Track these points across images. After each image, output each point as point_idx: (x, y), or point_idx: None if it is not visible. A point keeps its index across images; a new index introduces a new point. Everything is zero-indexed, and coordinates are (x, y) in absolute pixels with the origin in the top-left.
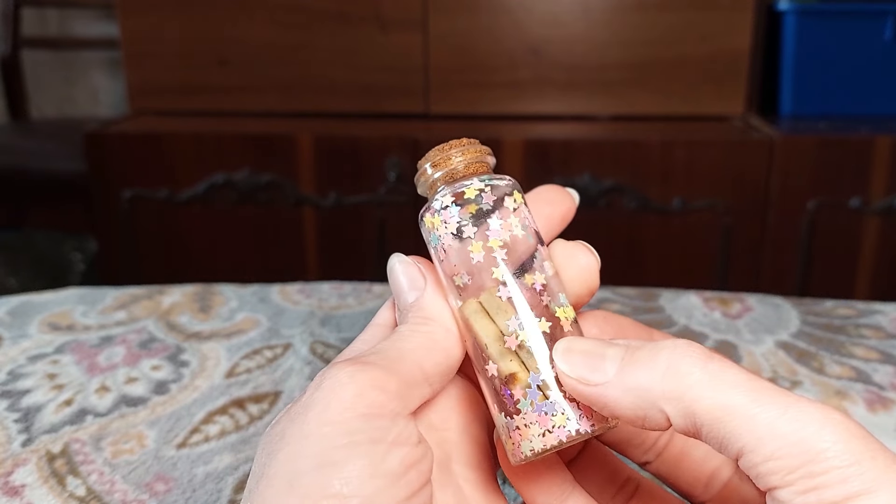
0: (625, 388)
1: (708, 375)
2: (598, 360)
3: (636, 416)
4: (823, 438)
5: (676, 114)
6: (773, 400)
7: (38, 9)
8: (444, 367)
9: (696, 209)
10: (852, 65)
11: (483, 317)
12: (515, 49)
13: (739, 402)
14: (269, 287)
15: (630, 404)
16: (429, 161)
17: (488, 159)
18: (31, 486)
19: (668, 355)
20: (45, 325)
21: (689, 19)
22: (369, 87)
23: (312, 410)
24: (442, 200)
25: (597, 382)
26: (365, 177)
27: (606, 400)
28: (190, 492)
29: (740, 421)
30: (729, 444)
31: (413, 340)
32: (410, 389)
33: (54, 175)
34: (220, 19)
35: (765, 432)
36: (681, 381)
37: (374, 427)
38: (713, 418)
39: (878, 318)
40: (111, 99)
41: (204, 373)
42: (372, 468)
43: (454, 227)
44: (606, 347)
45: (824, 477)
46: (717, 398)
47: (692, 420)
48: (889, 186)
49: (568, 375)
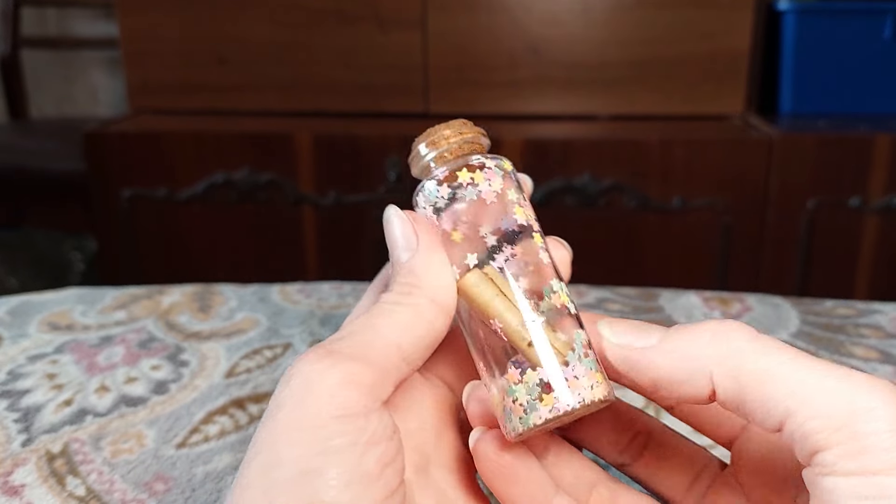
0: (670, 351)
1: (753, 344)
2: (643, 330)
3: (679, 379)
4: (873, 399)
5: (676, 113)
6: (820, 364)
7: (37, 8)
8: (426, 343)
9: (696, 208)
10: (852, 63)
11: (491, 286)
12: (515, 48)
13: (786, 365)
14: (268, 287)
15: (674, 367)
16: (422, 141)
17: (482, 140)
18: (31, 486)
19: (714, 326)
20: (45, 325)
21: (688, 18)
22: (369, 87)
23: (282, 412)
24: (435, 181)
25: (643, 346)
26: (365, 176)
27: (649, 360)
28: (189, 491)
29: (786, 381)
30: (774, 406)
31: (393, 315)
32: (386, 376)
33: (54, 174)
34: (220, 18)
35: (811, 391)
36: (728, 346)
37: (348, 429)
38: (758, 380)
39: (878, 317)
40: (111, 98)
41: (203, 372)
42: (349, 473)
43: (443, 207)
44: (649, 325)
45: (871, 439)
46: (763, 361)
47: (739, 382)
48: (888, 185)
49: (612, 342)
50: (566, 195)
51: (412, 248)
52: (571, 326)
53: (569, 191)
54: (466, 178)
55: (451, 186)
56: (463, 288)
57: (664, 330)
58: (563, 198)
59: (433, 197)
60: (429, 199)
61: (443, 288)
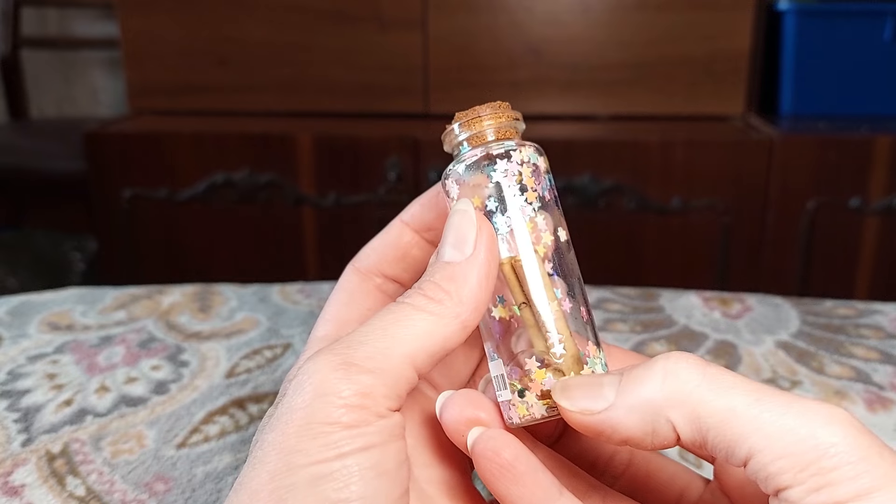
0: (628, 407)
1: (707, 379)
2: (596, 388)
3: (645, 432)
4: (833, 433)
5: (676, 114)
6: (776, 399)
7: (37, 8)
8: (437, 357)
9: (696, 209)
10: (852, 65)
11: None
12: (515, 49)
13: (743, 402)
14: (268, 287)
15: (637, 422)
16: (458, 121)
17: (517, 125)
18: (31, 486)
19: (663, 365)
20: (45, 325)
21: (689, 19)
22: (369, 87)
23: (294, 420)
24: (465, 162)
25: (600, 409)
26: (365, 177)
27: (613, 423)
28: (189, 492)
29: (747, 421)
30: (737, 447)
31: (411, 326)
32: (398, 388)
33: (54, 175)
34: (220, 19)
35: (772, 430)
36: (682, 387)
37: (362, 434)
38: (719, 420)
39: (878, 318)
40: (111, 99)
41: (204, 373)
42: (366, 472)
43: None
44: (601, 377)
45: (834, 473)
46: (721, 401)
47: (698, 425)
48: (889, 186)
49: (570, 411)
50: (567, 195)
51: (463, 252)
52: (589, 326)
53: (569, 191)
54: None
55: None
56: (511, 268)
57: (616, 379)
58: (564, 198)
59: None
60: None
61: (474, 309)
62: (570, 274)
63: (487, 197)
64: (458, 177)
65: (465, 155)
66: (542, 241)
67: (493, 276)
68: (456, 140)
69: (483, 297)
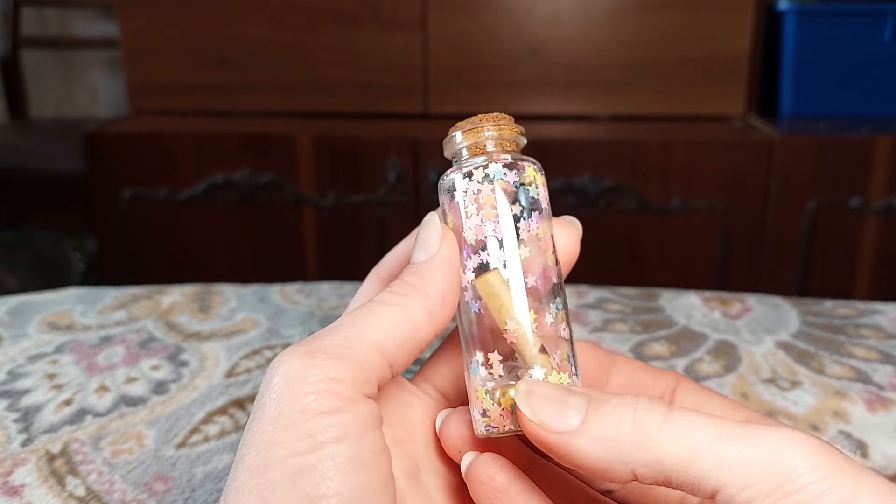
0: (590, 437)
1: (670, 423)
2: (561, 407)
3: (598, 466)
4: (792, 457)
5: (676, 114)
6: (735, 432)
7: (37, 8)
8: (406, 348)
9: (696, 209)
10: (852, 65)
11: (506, 288)
12: (515, 49)
13: (704, 440)
14: (268, 287)
15: (594, 455)
16: (460, 129)
17: (519, 139)
18: (31, 486)
19: (632, 411)
20: (45, 325)
21: (688, 19)
22: (369, 87)
23: (267, 414)
24: (464, 171)
25: (560, 430)
26: (365, 177)
27: (569, 449)
28: (189, 492)
29: (708, 459)
30: (702, 483)
31: (378, 315)
32: (366, 373)
33: (54, 174)
34: (220, 19)
35: (735, 462)
36: (647, 433)
37: (335, 423)
38: (682, 462)
39: (878, 318)
40: (111, 98)
41: (203, 373)
42: (343, 464)
43: (466, 199)
44: (569, 395)
45: (802, 494)
46: (683, 442)
47: (661, 468)
48: (889, 186)
49: (530, 420)
50: (566, 195)
51: (429, 253)
52: (567, 342)
53: (569, 191)
54: (503, 175)
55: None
56: (483, 284)
57: (584, 404)
58: (564, 198)
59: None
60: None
61: (439, 301)
62: (553, 291)
63: (482, 205)
64: (453, 184)
65: (464, 163)
66: (526, 255)
67: (457, 271)
68: (456, 147)
69: (449, 291)
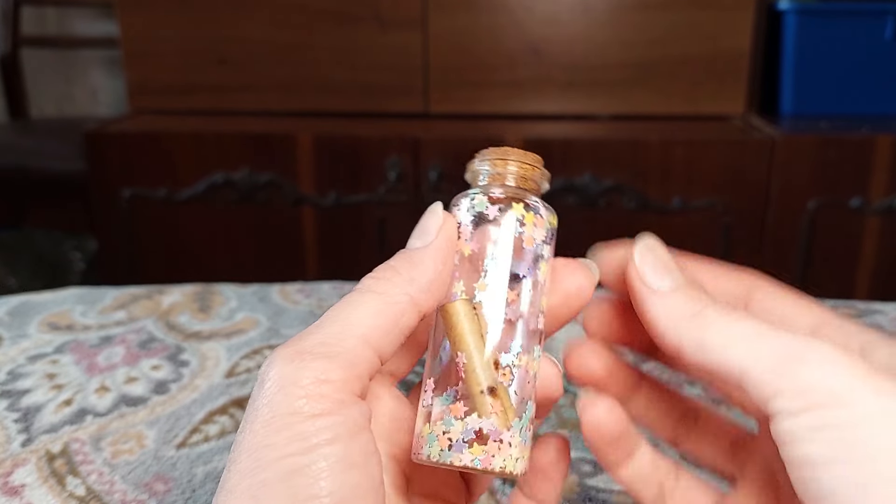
0: (665, 305)
1: (721, 315)
2: (664, 272)
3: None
4: (808, 347)
5: (677, 113)
6: (769, 331)
7: (37, 8)
8: (394, 336)
9: (696, 209)
10: (852, 64)
11: (473, 321)
12: (515, 48)
13: (740, 335)
14: (268, 287)
15: (660, 317)
16: (486, 158)
17: (543, 183)
18: (31, 486)
19: (702, 307)
20: (45, 325)
21: (689, 19)
22: (369, 87)
23: (259, 416)
24: (487, 197)
25: (651, 287)
26: (365, 176)
27: (647, 302)
28: (189, 492)
29: (740, 348)
30: (731, 369)
31: (362, 307)
32: (356, 370)
33: (54, 174)
34: (220, 18)
35: (759, 352)
36: (703, 322)
37: (327, 425)
38: (720, 345)
39: (878, 318)
40: (111, 98)
41: (204, 373)
42: (335, 465)
43: (472, 229)
44: (674, 269)
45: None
46: (724, 332)
47: (701, 349)
48: (889, 186)
49: (634, 264)
50: (567, 195)
51: (424, 241)
52: (528, 396)
53: (569, 191)
54: (519, 213)
55: (500, 210)
56: (447, 311)
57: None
58: (565, 198)
59: (479, 208)
60: (473, 209)
61: (424, 289)
62: (531, 335)
63: (488, 238)
64: (466, 207)
65: (480, 190)
66: (514, 296)
67: (450, 262)
68: (478, 173)
69: (437, 279)
